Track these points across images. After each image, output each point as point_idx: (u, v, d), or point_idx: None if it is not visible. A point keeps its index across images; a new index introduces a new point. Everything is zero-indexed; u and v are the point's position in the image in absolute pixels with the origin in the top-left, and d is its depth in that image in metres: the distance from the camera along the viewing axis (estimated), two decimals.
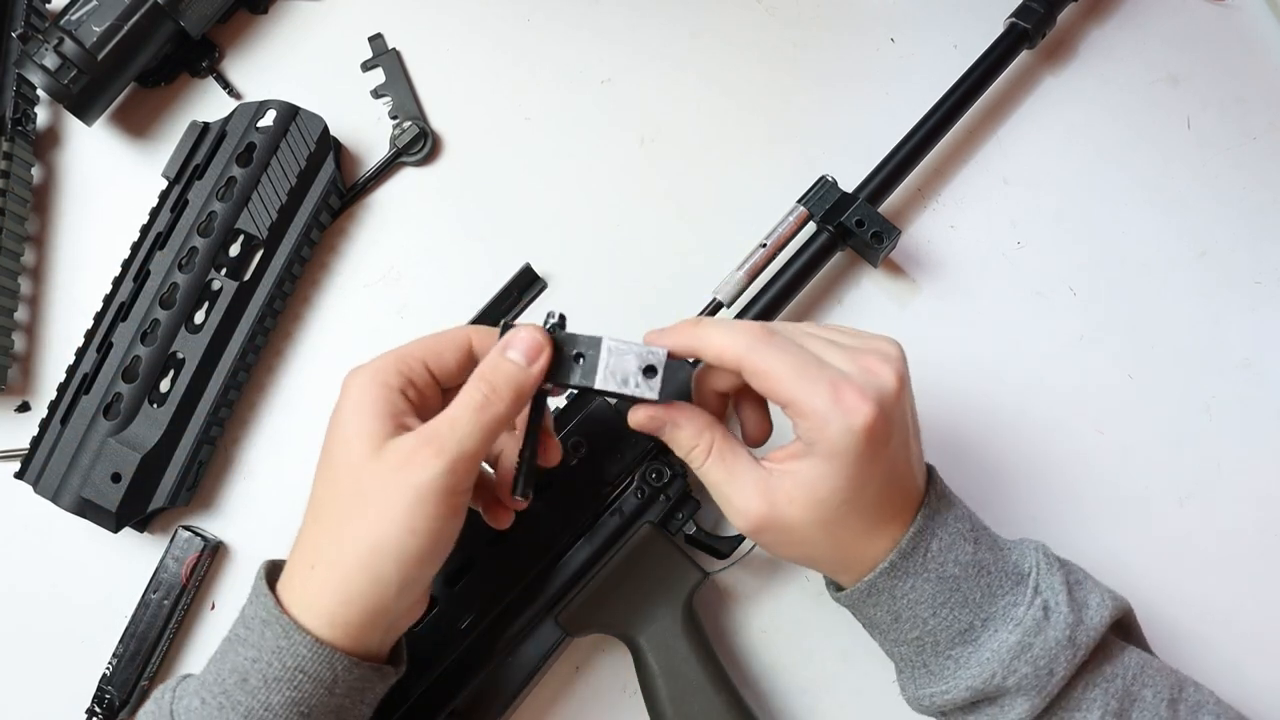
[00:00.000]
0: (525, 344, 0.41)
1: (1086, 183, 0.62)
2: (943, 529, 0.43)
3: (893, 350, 0.43)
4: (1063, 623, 0.42)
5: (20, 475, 0.55)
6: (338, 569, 0.39)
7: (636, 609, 0.51)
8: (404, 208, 0.61)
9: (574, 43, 0.64)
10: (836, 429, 0.39)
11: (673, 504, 0.52)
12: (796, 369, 0.40)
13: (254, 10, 0.64)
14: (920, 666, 0.45)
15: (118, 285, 0.56)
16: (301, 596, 0.40)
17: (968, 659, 0.43)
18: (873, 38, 0.64)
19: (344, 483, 0.40)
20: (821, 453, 0.40)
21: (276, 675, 0.39)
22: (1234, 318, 0.59)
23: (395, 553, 0.38)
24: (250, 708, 0.39)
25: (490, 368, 0.41)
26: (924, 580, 0.43)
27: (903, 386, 0.42)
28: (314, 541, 0.41)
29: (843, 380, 0.40)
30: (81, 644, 0.56)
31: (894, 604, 0.43)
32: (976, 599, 0.43)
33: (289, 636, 0.39)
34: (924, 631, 0.43)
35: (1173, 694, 0.43)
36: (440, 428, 0.39)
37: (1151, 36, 0.64)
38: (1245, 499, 0.57)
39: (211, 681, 0.40)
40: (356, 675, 0.40)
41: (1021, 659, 0.42)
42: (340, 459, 0.40)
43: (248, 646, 0.40)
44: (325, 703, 0.39)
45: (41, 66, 0.56)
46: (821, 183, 0.56)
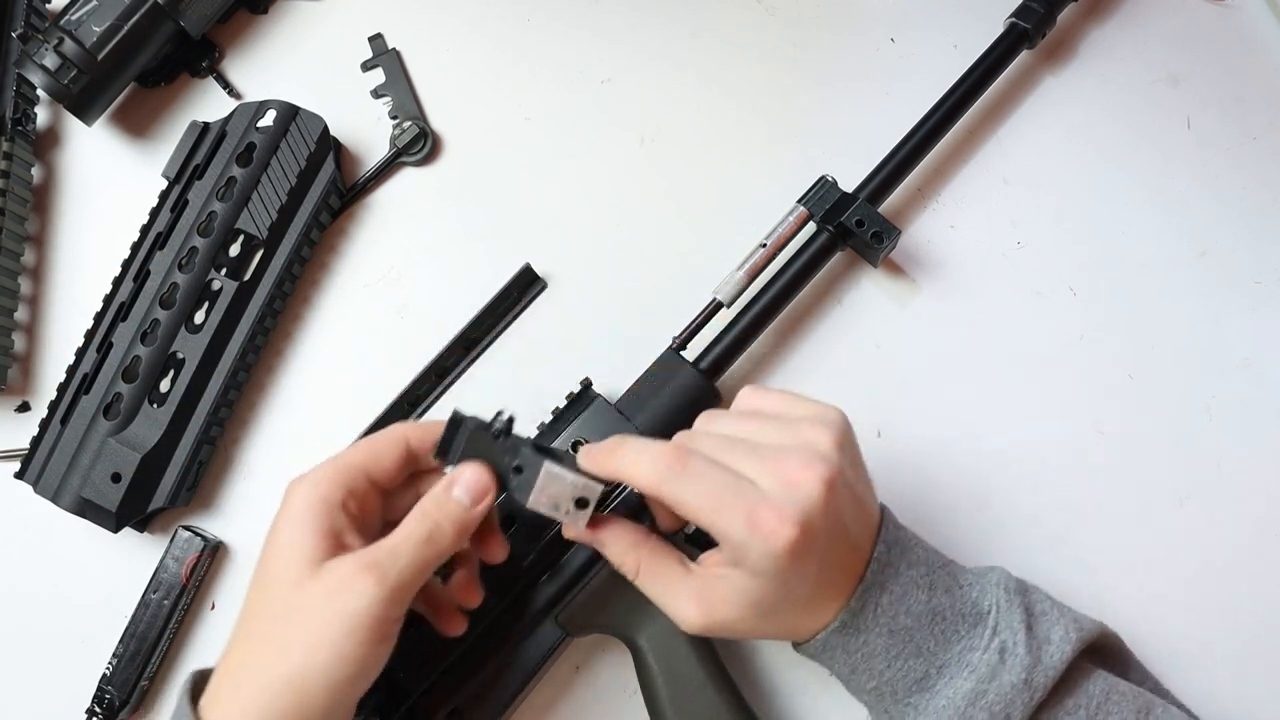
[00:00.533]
0: (471, 486, 0.41)
1: (1086, 183, 0.62)
2: (893, 581, 0.43)
3: (825, 440, 0.41)
4: (1019, 665, 0.41)
5: (20, 475, 0.55)
6: (265, 693, 0.38)
7: (636, 609, 0.51)
8: (404, 208, 0.61)
9: (574, 43, 0.64)
10: (756, 554, 0.39)
11: None
12: (710, 499, 0.40)
13: (254, 10, 0.64)
14: (883, 713, 0.45)
15: (118, 285, 0.56)
16: (225, 715, 0.39)
17: (925, 706, 0.43)
18: (873, 38, 0.64)
19: (276, 601, 0.39)
20: (747, 570, 0.41)
21: None
22: (1234, 318, 0.59)
23: (324, 679, 0.38)
24: None
25: (435, 504, 0.41)
26: (875, 635, 0.42)
27: (830, 489, 0.40)
28: (241, 660, 0.40)
29: (760, 504, 0.39)
30: (81, 644, 0.56)
31: (849, 659, 0.43)
32: (930, 647, 0.42)
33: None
34: (881, 682, 0.43)
35: (1139, 717, 0.43)
36: (380, 556, 0.39)
37: (1151, 36, 0.64)
38: (1245, 499, 0.57)
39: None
40: None
41: (976, 706, 0.41)
42: (275, 575, 0.40)
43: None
44: None
45: (41, 66, 0.56)
46: (821, 183, 0.56)
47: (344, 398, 0.58)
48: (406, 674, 0.49)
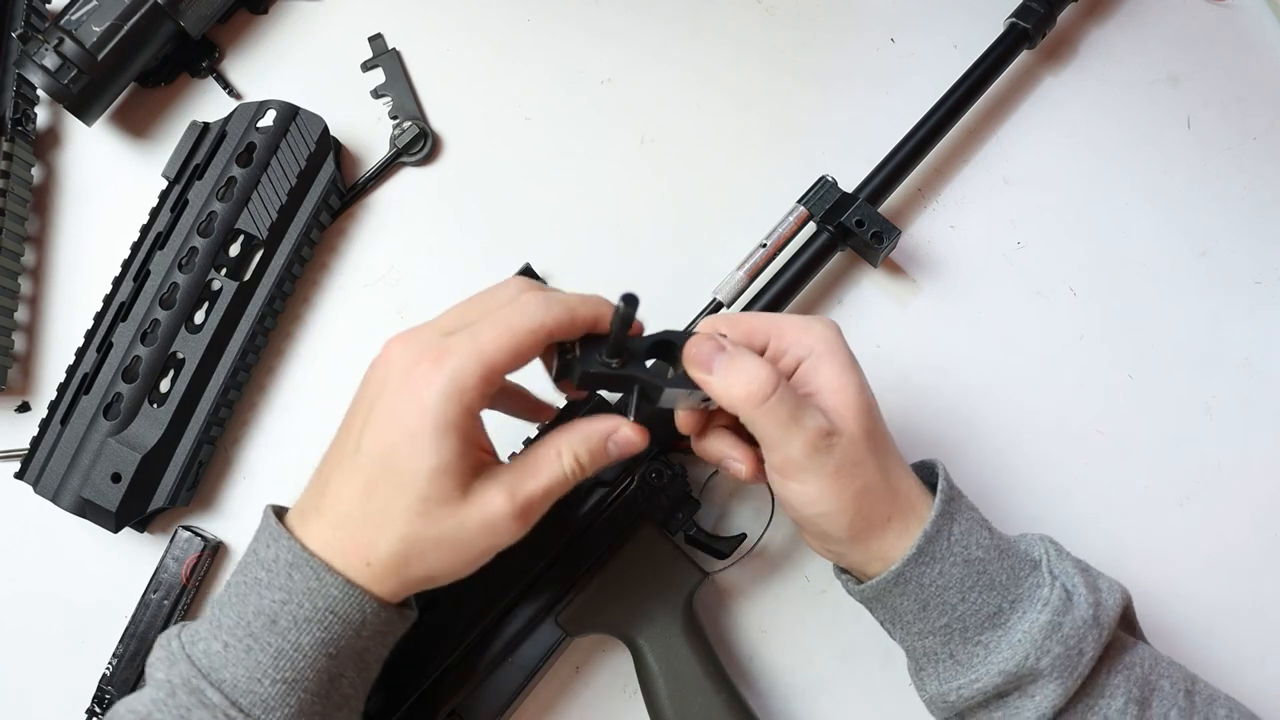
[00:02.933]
0: (626, 447, 0.43)
1: (1086, 183, 0.62)
2: (960, 515, 0.44)
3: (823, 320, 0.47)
4: (1085, 603, 0.43)
5: (20, 475, 0.55)
6: (397, 575, 0.40)
7: (636, 609, 0.51)
8: (404, 208, 0.61)
9: (574, 43, 0.64)
10: (818, 326, 0.44)
11: (673, 504, 0.52)
12: (763, 316, 0.46)
13: (254, 10, 0.64)
14: (947, 658, 0.44)
15: (118, 285, 0.56)
16: (337, 546, 0.40)
17: (998, 643, 0.43)
18: (873, 38, 0.64)
19: (413, 500, 0.39)
20: (823, 353, 0.43)
21: (307, 616, 0.39)
22: (1234, 318, 0.59)
23: (452, 577, 0.41)
24: (280, 648, 0.39)
25: (588, 452, 0.42)
26: (950, 565, 0.43)
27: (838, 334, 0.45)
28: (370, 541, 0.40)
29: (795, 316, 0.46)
30: (81, 644, 0.56)
31: (921, 592, 0.43)
32: (1003, 581, 0.43)
33: (320, 579, 0.39)
34: (953, 618, 0.43)
35: (1188, 685, 0.44)
36: (534, 498, 0.40)
37: (1151, 36, 0.64)
38: (1245, 499, 0.57)
39: (231, 624, 0.40)
40: (383, 618, 0.41)
41: (1053, 638, 0.42)
42: (416, 481, 0.39)
43: (273, 589, 0.40)
44: (352, 644, 0.40)
45: (41, 66, 0.56)
46: (821, 183, 0.56)
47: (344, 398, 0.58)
48: (406, 674, 0.49)
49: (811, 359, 0.44)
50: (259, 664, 0.39)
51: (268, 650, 0.39)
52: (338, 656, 0.40)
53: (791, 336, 0.44)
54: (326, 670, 0.40)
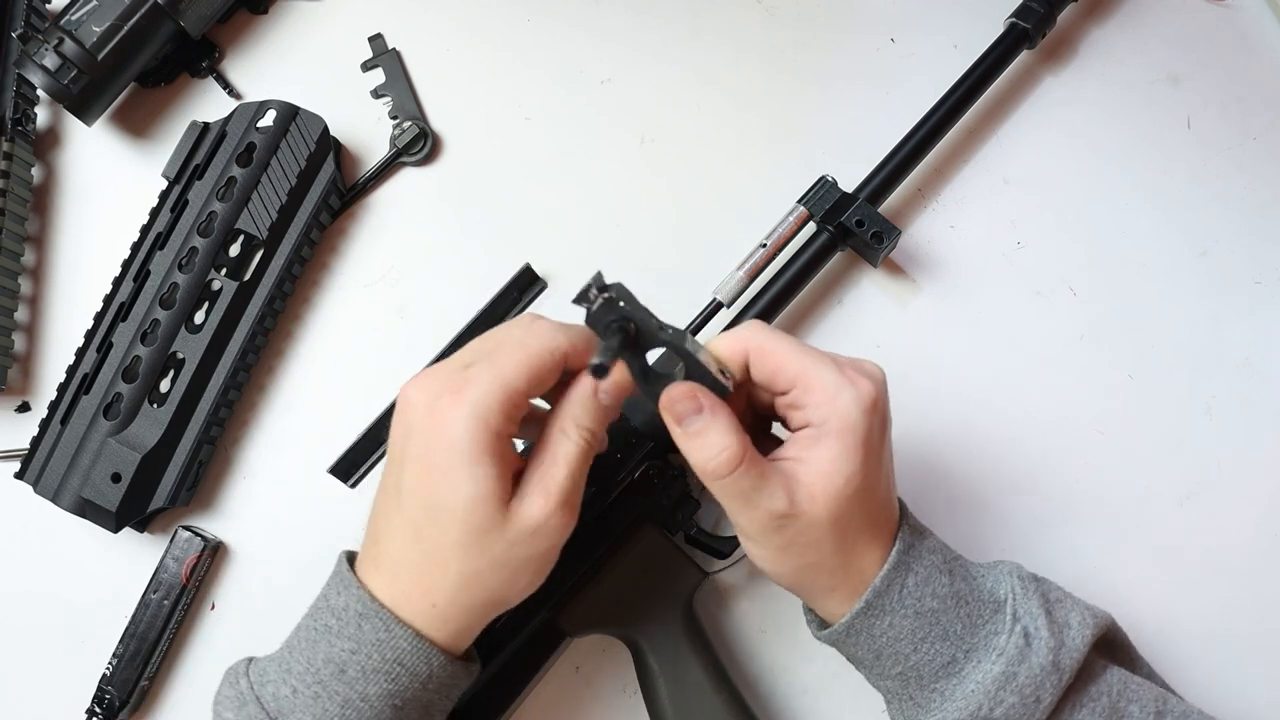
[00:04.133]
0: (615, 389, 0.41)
1: (1086, 183, 0.62)
2: (917, 563, 0.43)
3: (870, 368, 0.43)
4: (1045, 648, 0.42)
5: (20, 475, 0.55)
6: (465, 613, 0.41)
7: (636, 609, 0.51)
8: (404, 208, 0.61)
9: (574, 43, 0.64)
10: (847, 399, 0.40)
11: (673, 504, 0.52)
12: (800, 350, 0.42)
13: (254, 10, 0.64)
14: (907, 699, 0.44)
15: (118, 285, 0.56)
16: (401, 594, 0.41)
17: (953, 691, 0.42)
18: (873, 38, 0.64)
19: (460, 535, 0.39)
20: (834, 430, 0.40)
21: (375, 667, 0.40)
22: (1234, 318, 0.59)
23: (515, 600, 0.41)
24: (348, 698, 0.40)
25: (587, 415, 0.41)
26: (901, 617, 0.42)
27: (883, 394, 0.42)
28: (434, 583, 0.40)
29: (842, 362, 0.42)
30: (81, 644, 0.56)
31: (873, 643, 0.43)
32: (957, 631, 0.42)
33: (389, 631, 0.40)
34: (906, 667, 0.43)
35: (1158, 707, 0.43)
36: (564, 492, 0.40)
37: (1151, 36, 0.64)
38: (1245, 499, 0.57)
39: (301, 670, 0.40)
40: (449, 672, 0.41)
41: (1007, 689, 0.41)
42: (454, 508, 0.39)
43: (344, 639, 0.40)
44: (419, 696, 0.41)
45: (41, 66, 0.56)
46: (821, 183, 0.56)
47: (344, 398, 0.58)
48: None
49: (820, 429, 0.41)
50: (326, 711, 0.40)
51: (335, 699, 0.40)
52: (403, 708, 0.40)
53: (815, 398, 0.41)
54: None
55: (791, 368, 0.41)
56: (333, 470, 0.52)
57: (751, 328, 0.43)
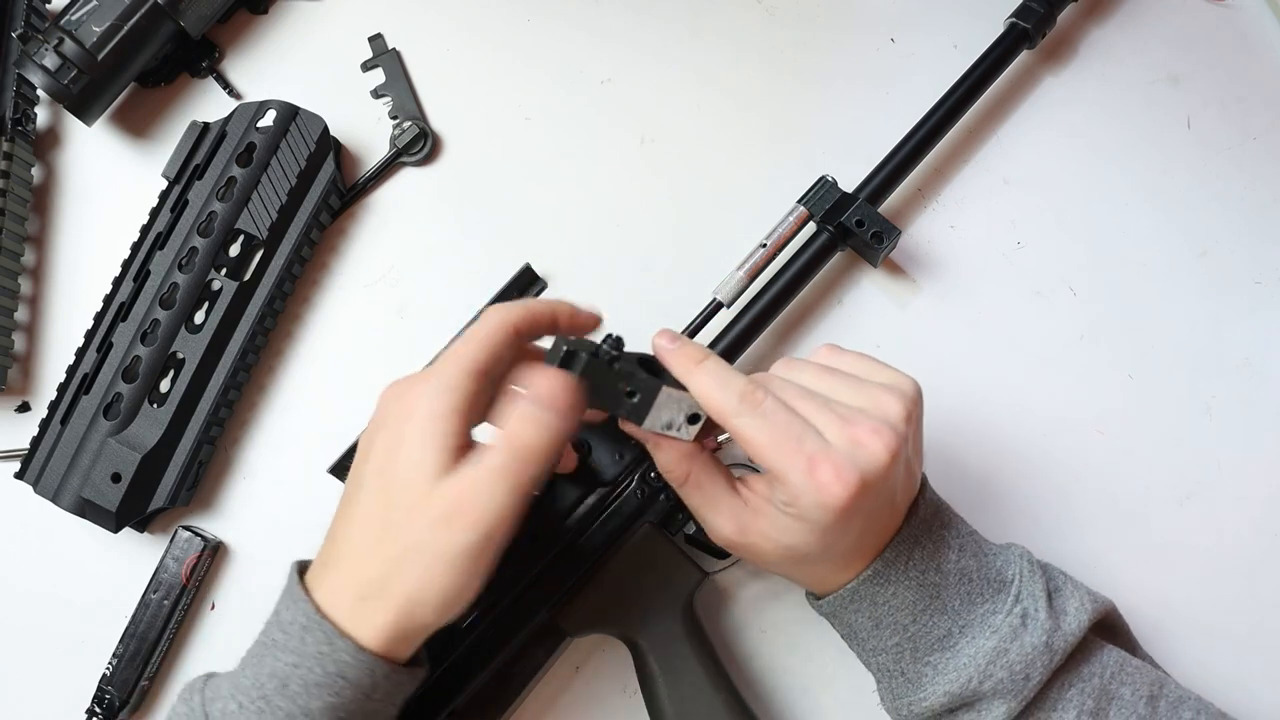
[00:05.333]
0: (558, 399, 0.40)
1: (1086, 183, 0.62)
2: (927, 537, 0.44)
3: (896, 409, 0.42)
4: (1040, 629, 0.43)
5: (20, 475, 0.55)
6: (388, 607, 0.39)
7: (636, 609, 0.51)
8: (404, 208, 0.61)
9: (574, 43, 0.64)
10: (808, 503, 0.40)
11: (673, 504, 0.52)
12: (776, 441, 0.40)
13: (254, 10, 0.64)
14: (899, 675, 0.45)
15: (118, 285, 0.56)
16: (344, 608, 0.40)
17: (945, 665, 0.43)
18: (873, 38, 0.64)
19: (399, 513, 0.39)
20: (793, 514, 0.41)
21: (318, 680, 0.39)
22: (1234, 318, 0.59)
23: (434, 604, 0.39)
24: (290, 712, 0.39)
25: (521, 426, 0.39)
26: (905, 587, 0.43)
27: (893, 458, 0.40)
28: (363, 572, 0.40)
29: (822, 456, 0.40)
30: (81, 644, 0.56)
31: (875, 610, 0.44)
32: (955, 606, 0.44)
33: (331, 643, 0.39)
34: (904, 638, 0.44)
35: (1152, 690, 0.44)
36: (478, 491, 0.38)
37: (1151, 36, 0.64)
38: (1245, 499, 0.57)
39: (249, 685, 0.40)
40: (394, 681, 0.40)
41: (997, 664, 0.42)
42: (400, 486, 0.39)
43: (287, 652, 0.40)
44: (362, 707, 0.40)
45: (41, 66, 0.56)
46: (821, 183, 0.56)
47: (344, 398, 0.58)
48: None
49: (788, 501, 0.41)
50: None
51: (278, 714, 0.39)
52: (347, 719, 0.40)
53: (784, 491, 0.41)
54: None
55: (761, 459, 0.41)
56: (333, 470, 0.52)
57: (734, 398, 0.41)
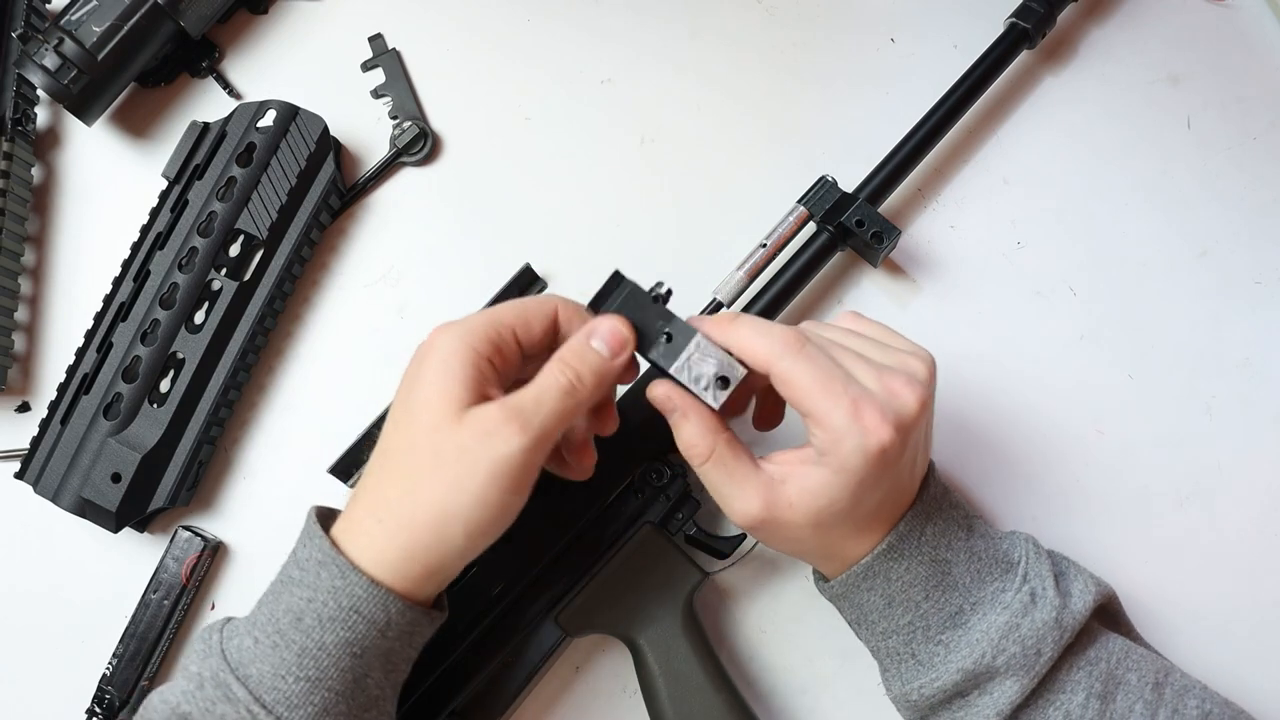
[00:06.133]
0: (610, 338, 0.42)
1: (1086, 183, 0.61)
2: (939, 514, 0.45)
3: (922, 370, 0.43)
4: (1049, 606, 0.43)
5: (20, 475, 0.55)
6: (406, 528, 0.40)
7: (636, 609, 0.51)
8: (404, 208, 0.61)
9: (574, 43, 0.64)
10: (850, 446, 0.40)
11: (673, 504, 0.52)
12: (821, 382, 0.41)
13: (254, 10, 0.64)
14: (909, 657, 0.45)
15: (118, 285, 0.56)
16: (364, 544, 0.40)
17: (957, 642, 0.44)
18: (873, 38, 0.64)
19: (421, 443, 0.40)
20: (831, 465, 0.41)
21: (331, 615, 0.39)
22: (1234, 318, 0.59)
23: (465, 521, 0.39)
24: (304, 646, 0.39)
25: (576, 355, 0.42)
26: (918, 563, 0.44)
27: (923, 409, 0.42)
28: (383, 495, 0.41)
29: (865, 399, 0.41)
30: (81, 644, 0.56)
31: (888, 587, 0.44)
32: (966, 583, 0.44)
33: (345, 577, 0.39)
34: (916, 615, 0.44)
35: (1158, 678, 0.44)
36: (525, 404, 0.40)
37: (1151, 36, 0.64)
38: (1245, 499, 0.57)
39: (264, 621, 0.40)
40: (409, 618, 0.41)
41: (1010, 638, 0.43)
42: (421, 418, 0.40)
43: (302, 587, 0.40)
44: (377, 644, 0.40)
45: (41, 66, 0.56)
46: (821, 183, 0.56)
47: (344, 398, 0.58)
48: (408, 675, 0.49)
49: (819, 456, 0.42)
50: (284, 660, 0.39)
51: (292, 647, 0.39)
52: (363, 656, 0.40)
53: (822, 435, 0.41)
54: (351, 670, 0.40)
55: (804, 402, 0.41)
56: (333, 470, 0.52)
57: (779, 342, 0.42)
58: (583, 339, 0.42)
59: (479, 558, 0.49)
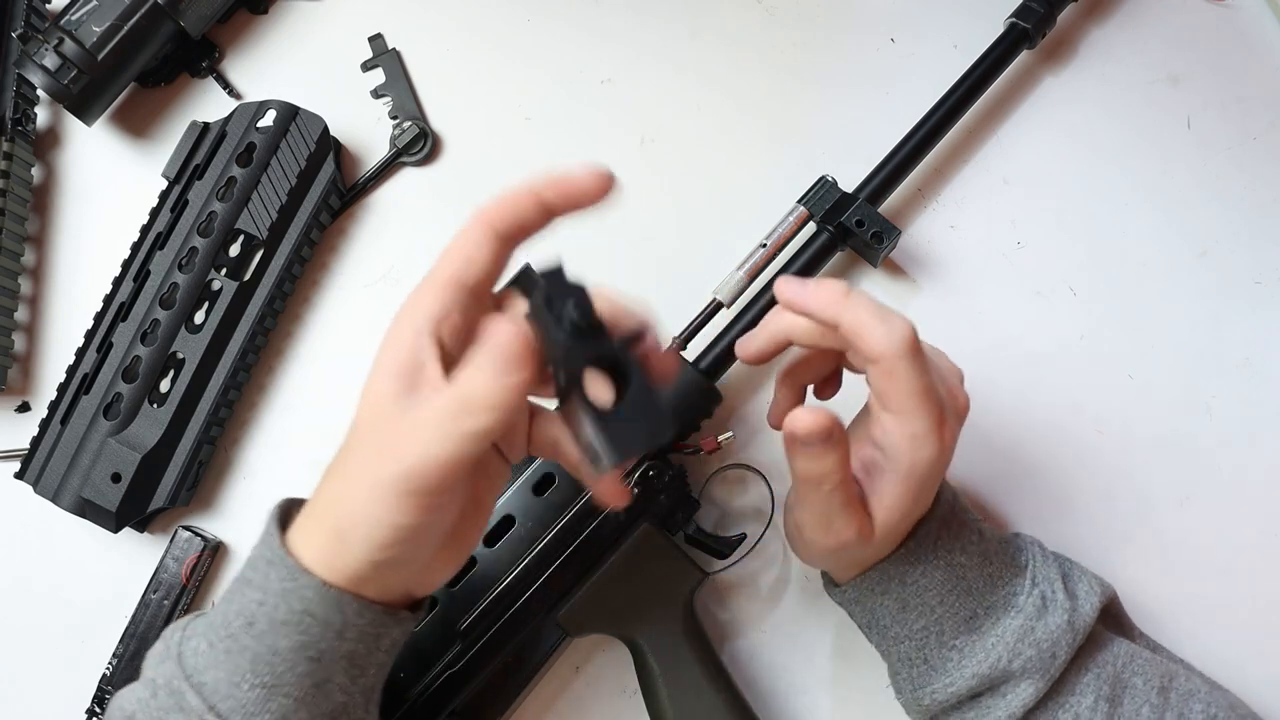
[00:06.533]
0: (503, 352, 0.36)
1: (1086, 183, 0.61)
2: (952, 519, 0.45)
3: (960, 372, 0.44)
4: (1061, 609, 0.44)
5: (20, 475, 0.55)
6: (320, 529, 0.38)
7: (636, 609, 0.51)
8: (404, 208, 0.61)
9: (574, 43, 0.64)
10: (926, 454, 0.40)
11: (673, 504, 0.52)
12: (926, 387, 0.40)
13: (254, 10, 0.64)
14: (921, 662, 0.45)
15: (118, 285, 0.56)
16: (305, 539, 0.38)
17: (972, 647, 0.44)
18: (873, 38, 0.64)
19: (354, 436, 0.39)
20: (900, 471, 0.41)
21: (283, 619, 0.37)
22: (1234, 318, 0.59)
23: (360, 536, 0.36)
24: (257, 652, 0.37)
25: (468, 374, 0.37)
26: (934, 567, 0.44)
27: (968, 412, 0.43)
28: (318, 489, 0.39)
29: (945, 409, 0.41)
30: (81, 644, 0.56)
31: (903, 591, 0.44)
32: (980, 587, 0.44)
33: (294, 579, 0.37)
34: (930, 620, 0.44)
35: (1163, 682, 0.45)
36: (404, 429, 0.36)
37: (1151, 36, 0.64)
38: (1245, 499, 0.57)
39: (219, 624, 0.38)
40: (368, 619, 0.38)
41: (1026, 642, 0.43)
42: (357, 413, 0.39)
43: (253, 589, 0.38)
44: (335, 647, 0.38)
45: (41, 66, 0.56)
46: (821, 183, 0.56)
47: (344, 398, 0.58)
48: (406, 674, 0.49)
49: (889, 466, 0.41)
50: (238, 667, 0.37)
51: (245, 654, 0.37)
52: (320, 660, 0.38)
53: (900, 438, 0.40)
54: (310, 675, 0.37)
55: (904, 404, 0.40)
56: None
57: (905, 341, 0.39)
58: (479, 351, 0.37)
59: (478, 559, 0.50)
